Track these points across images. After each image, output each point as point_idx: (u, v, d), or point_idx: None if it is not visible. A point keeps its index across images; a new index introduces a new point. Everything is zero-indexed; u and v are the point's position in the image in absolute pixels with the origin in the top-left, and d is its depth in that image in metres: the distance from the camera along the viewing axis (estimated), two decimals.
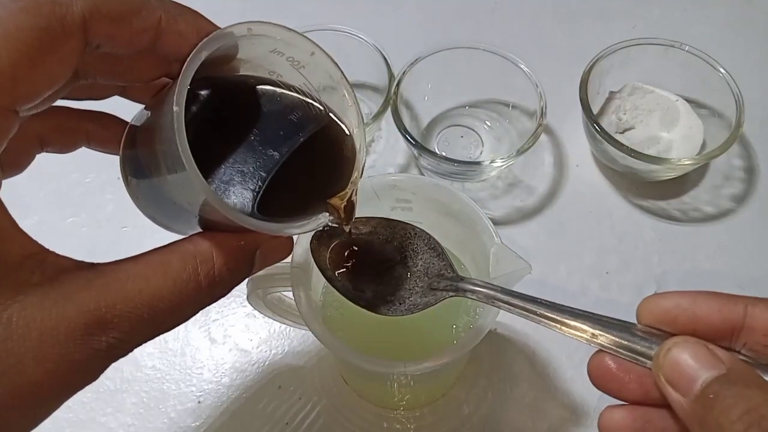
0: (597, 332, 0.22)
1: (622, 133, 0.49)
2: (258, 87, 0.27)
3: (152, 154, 0.25)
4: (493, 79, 0.49)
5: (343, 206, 0.25)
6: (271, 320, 0.40)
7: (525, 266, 0.29)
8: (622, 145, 0.45)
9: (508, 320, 0.43)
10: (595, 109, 0.49)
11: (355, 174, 0.26)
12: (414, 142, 0.44)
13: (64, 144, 0.28)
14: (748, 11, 0.61)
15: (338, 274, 0.29)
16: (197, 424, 0.41)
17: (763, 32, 0.59)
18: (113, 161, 0.29)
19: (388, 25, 0.60)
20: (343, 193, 0.26)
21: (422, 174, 0.50)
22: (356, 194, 0.26)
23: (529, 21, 0.60)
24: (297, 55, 0.27)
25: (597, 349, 0.23)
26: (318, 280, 0.35)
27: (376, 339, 0.36)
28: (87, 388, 0.23)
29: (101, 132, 0.28)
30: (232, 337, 0.44)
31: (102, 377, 0.25)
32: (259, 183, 0.25)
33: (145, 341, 0.22)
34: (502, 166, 0.45)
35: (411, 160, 0.51)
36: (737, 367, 0.20)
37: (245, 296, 0.35)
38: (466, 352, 0.30)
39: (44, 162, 0.28)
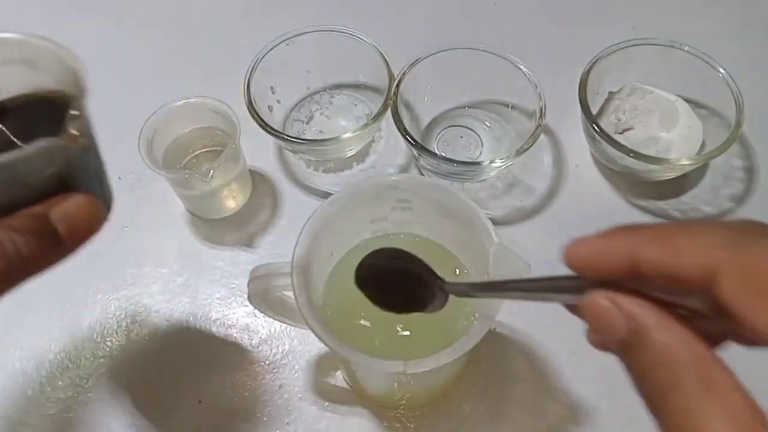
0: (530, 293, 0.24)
1: (621, 133, 0.49)
2: None
3: None
4: (493, 80, 0.49)
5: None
6: (271, 320, 0.40)
7: (524, 266, 0.29)
8: (622, 145, 0.45)
9: (507, 320, 0.43)
10: (595, 110, 0.49)
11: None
12: (414, 143, 0.44)
13: None
14: (748, 11, 0.61)
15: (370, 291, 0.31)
16: (197, 423, 0.41)
17: (763, 32, 0.59)
18: (112, 161, 0.29)
19: (388, 25, 0.60)
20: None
21: (422, 174, 0.50)
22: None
23: (528, 21, 0.60)
24: None
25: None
26: (318, 280, 0.35)
27: (376, 339, 0.36)
28: (88, 388, 0.24)
29: None
30: (233, 337, 0.44)
31: (103, 377, 0.26)
32: None
33: None
34: (501, 166, 0.45)
35: (411, 160, 0.51)
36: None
37: (246, 296, 0.35)
38: (466, 352, 0.30)
39: None
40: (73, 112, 0.26)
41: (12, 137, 0.26)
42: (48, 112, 0.28)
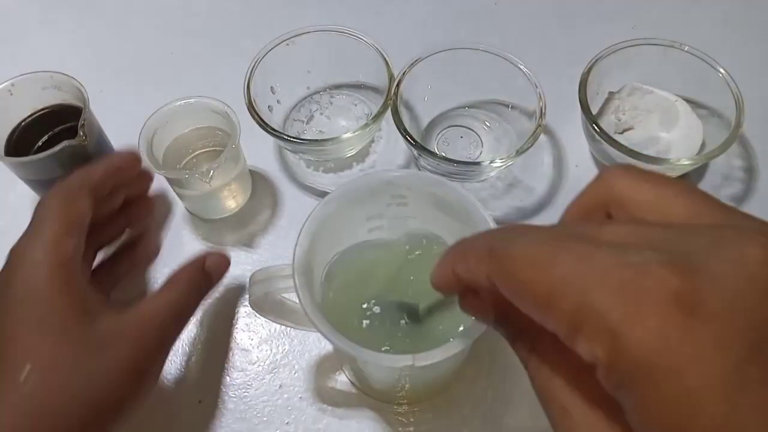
0: None
1: (621, 133, 0.49)
2: None
3: None
4: (493, 80, 0.49)
5: None
6: (272, 321, 0.40)
7: None
8: (622, 145, 0.45)
9: None
10: (595, 110, 0.49)
11: None
12: (414, 143, 0.44)
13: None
14: (748, 11, 0.61)
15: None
16: (197, 423, 0.41)
17: (763, 32, 0.59)
18: None
19: (388, 25, 0.60)
20: None
21: None
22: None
23: (528, 21, 0.60)
24: None
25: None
26: (318, 282, 0.35)
27: (378, 338, 0.36)
28: None
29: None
30: (233, 337, 0.44)
31: None
32: None
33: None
34: (501, 166, 0.45)
35: (411, 160, 0.51)
36: None
37: (246, 296, 0.35)
38: (467, 347, 0.30)
39: None
40: (82, 120, 0.42)
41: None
42: (70, 118, 0.45)
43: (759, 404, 0.14)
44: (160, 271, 0.47)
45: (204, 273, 0.39)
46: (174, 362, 0.43)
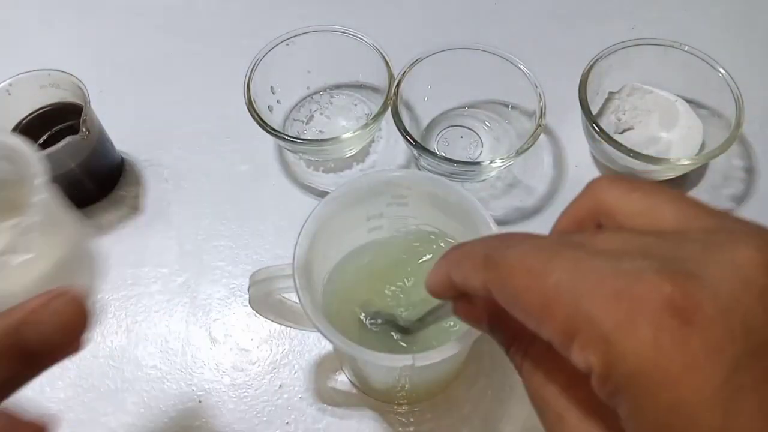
0: None
1: (621, 133, 0.49)
2: None
3: None
4: (493, 80, 0.49)
5: None
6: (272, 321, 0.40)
7: None
8: (621, 145, 0.45)
9: None
10: (595, 110, 0.49)
11: None
12: (414, 143, 0.44)
13: None
14: (748, 11, 0.61)
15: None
16: (198, 423, 0.41)
17: (763, 32, 0.59)
18: None
19: (388, 25, 0.60)
20: None
21: None
22: None
23: (528, 21, 0.60)
24: None
25: None
26: (318, 282, 0.35)
27: (377, 338, 0.36)
28: (88, 388, 0.23)
29: None
30: (233, 337, 0.44)
31: (103, 377, 0.25)
32: None
33: None
34: (501, 166, 0.45)
35: (411, 160, 0.51)
36: None
37: (246, 296, 0.35)
38: (467, 347, 0.30)
39: None
40: (83, 116, 0.41)
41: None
42: (70, 116, 0.45)
43: (755, 411, 0.14)
44: (159, 272, 0.47)
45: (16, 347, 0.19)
46: (175, 361, 0.43)
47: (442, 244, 0.38)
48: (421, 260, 0.37)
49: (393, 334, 0.35)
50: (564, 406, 0.18)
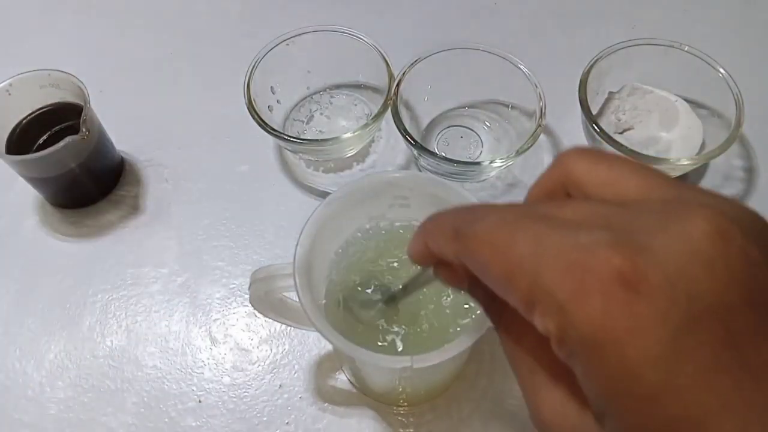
0: None
1: (621, 133, 0.49)
2: None
3: None
4: (493, 80, 0.49)
5: None
6: (271, 320, 0.40)
7: None
8: (622, 145, 0.45)
9: None
10: (595, 110, 0.49)
11: None
12: (414, 143, 0.44)
13: None
14: (748, 11, 0.61)
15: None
16: (198, 423, 0.41)
17: (763, 32, 0.59)
18: None
19: (388, 25, 0.60)
20: None
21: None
22: None
23: (528, 21, 0.60)
24: None
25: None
26: (319, 282, 0.35)
27: (377, 339, 0.36)
28: (87, 387, 0.23)
29: None
30: (233, 337, 0.44)
31: (103, 377, 0.25)
32: None
33: None
34: (501, 166, 0.45)
35: (411, 160, 0.51)
36: None
37: (246, 296, 0.35)
38: (467, 349, 0.30)
39: None
40: (84, 116, 0.42)
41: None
42: (70, 116, 0.45)
43: (695, 370, 0.15)
44: (159, 272, 0.47)
45: None
46: (175, 361, 0.43)
47: None
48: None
49: (396, 328, 0.35)
50: (534, 365, 0.20)
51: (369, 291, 0.36)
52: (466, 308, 0.36)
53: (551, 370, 0.20)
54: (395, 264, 0.37)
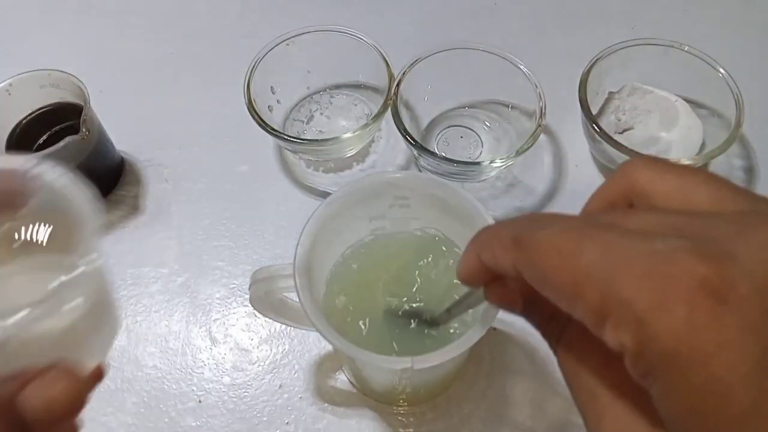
0: None
1: (621, 133, 0.49)
2: None
3: None
4: (493, 80, 0.49)
5: None
6: (271, 320, 0.40)
7: None
8: (622, 145, 0.45)
9: (508, 318, 0.43)
10: (595, 110, 0.49)
11: None
12: (414, 143, 0.44)
13: None
14: (747, 11, 0.61)
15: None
16: (198, 423, 0.41)
17: (763, 32, 0.59)
18: None
19: (389, 25, 0.60)
20: None
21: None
22: None
23: (528, 21, 0.60)
24: None
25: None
26: (319, 282, 0.35)
27: (377, 340, 0.36)
28: None
29: None
30: (233, 337, 0.44)
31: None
32: None
33: None
34: (501, 166, 0.45)
35: (411, 160, 0.51)
36: None
37: (246, 296, 0.35)
38: (467, 350, 0.30)
39: None
40: (83, 116, 0.42)
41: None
42: (70, 116, 0.45)
43: None
44: (159, 272, 0.47)
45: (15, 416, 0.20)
46: (175, 361, 0.43)
47: (443, 247, 0.38)
48: (422, 262, 0.37)
49: (402, 335, 0.35)
50: (598, 386, 0.18)
51: (404, 315, 0.36)
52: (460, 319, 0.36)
53: (617, 393, 0.18)
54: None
